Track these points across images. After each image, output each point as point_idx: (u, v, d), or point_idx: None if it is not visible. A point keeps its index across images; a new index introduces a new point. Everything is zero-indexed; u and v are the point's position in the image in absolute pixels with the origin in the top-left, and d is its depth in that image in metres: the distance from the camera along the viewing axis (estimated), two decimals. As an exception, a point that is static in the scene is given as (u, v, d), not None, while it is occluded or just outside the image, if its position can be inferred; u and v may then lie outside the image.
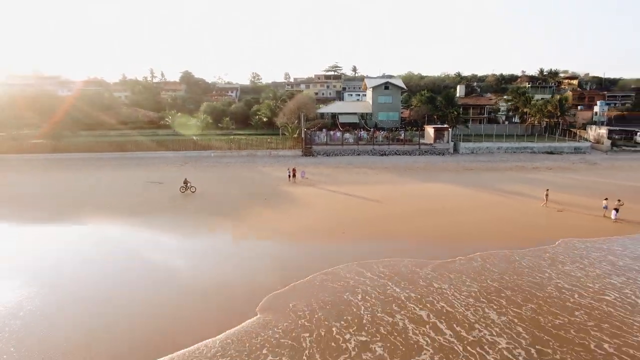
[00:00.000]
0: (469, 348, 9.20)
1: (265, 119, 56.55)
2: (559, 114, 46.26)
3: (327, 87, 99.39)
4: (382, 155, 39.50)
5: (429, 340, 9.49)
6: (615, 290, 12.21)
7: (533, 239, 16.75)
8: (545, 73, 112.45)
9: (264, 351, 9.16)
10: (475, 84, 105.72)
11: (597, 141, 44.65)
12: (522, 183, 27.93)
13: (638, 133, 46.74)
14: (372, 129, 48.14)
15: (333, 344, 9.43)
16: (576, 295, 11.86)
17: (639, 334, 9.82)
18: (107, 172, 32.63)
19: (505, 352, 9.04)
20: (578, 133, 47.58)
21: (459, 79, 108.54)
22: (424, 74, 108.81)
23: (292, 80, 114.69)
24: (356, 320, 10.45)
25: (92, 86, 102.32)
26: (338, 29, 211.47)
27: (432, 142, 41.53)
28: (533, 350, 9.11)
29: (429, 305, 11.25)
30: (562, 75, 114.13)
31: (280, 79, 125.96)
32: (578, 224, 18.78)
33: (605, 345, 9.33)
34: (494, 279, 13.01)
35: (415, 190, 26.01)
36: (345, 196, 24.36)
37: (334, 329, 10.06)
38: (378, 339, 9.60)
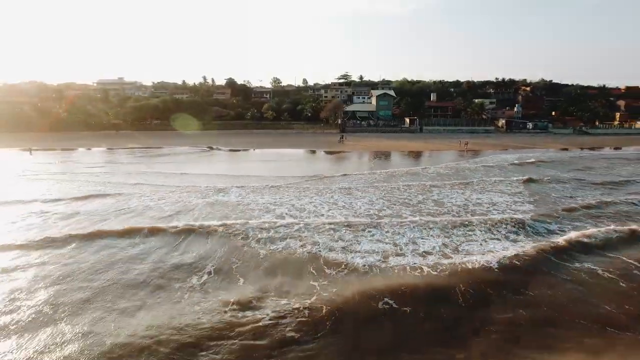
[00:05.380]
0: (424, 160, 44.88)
1: (309, 114, 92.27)
2: (480, 112, 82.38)
3: (340, 92, 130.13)
4: (382, 132, 75.26)
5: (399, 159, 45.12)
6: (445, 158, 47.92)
7: (431, 151, 52.38)
8: (506, 81, 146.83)
9: (344, 155, 44.85)
10: (452, 89, 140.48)
11: (502, 127, 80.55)
12: (446, 141, 63.50)
13: (528, 124, 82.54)
14: (376, 120, 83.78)
15: (362, 160, 45.02)
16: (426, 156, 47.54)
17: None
18: (255, 137, 68.14)
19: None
20: (495, 123, 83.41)
21: (440, 85, 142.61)
22: (417, 78, 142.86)
23: (311, 85, 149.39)
24: (361, 157, 46.13)
25: (157, 89, 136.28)
26: (344, 37, 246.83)
27: (408, 126, 77.56)
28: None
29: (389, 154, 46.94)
30: (519, 82, 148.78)
31: (291, 81, 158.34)
32: (446, 152, 54.25)
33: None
34: (416, 156, 48.68)
35: (395, 143, 61.62)
36: (365, 144, 60.03)
37: (360, 155, 45.71)
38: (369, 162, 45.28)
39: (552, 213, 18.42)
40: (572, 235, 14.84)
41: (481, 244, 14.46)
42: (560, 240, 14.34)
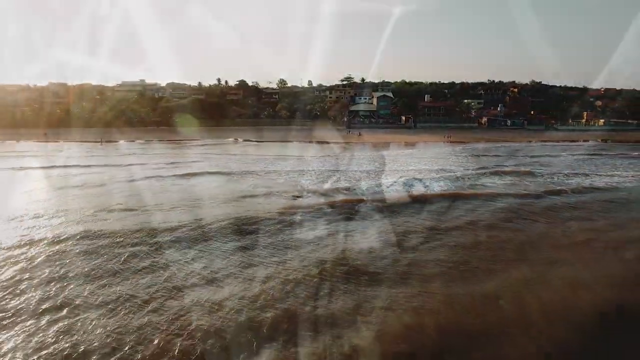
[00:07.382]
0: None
1: (318, 113, 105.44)
2: (467, 111, 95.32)
3: (344, 93, 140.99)
4: (382, 128, 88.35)
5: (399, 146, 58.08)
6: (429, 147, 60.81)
7: (420, 142, 65.21)
8: (495, 83, 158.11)
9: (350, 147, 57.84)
10: (446, 90, 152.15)
11: (484, 124, 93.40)
12: (435, 135, 76.26)
13: (507, 121, 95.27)
14: (377, 118, 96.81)
15: (365, 146, 57.92)
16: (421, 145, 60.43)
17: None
18: (275, 132, 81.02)
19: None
20: (479, 120, 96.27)
21: (436, 86, 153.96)
22: (414, 80, 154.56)
23: (316, 86, 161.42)
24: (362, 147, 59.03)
25: (176, 90, 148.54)
26: (344, 37, 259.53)
27: (404, 123, 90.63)
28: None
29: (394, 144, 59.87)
30: (508, 84, 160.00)
31: (294, 81, 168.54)
32: (432, 143, 67.04)
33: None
34: (407, 145, 61.56)
35: (393, 136, 74.46)
36: (368, 137, 72.91)
37: (364, 144, 58.61)
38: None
39: (468, 168, 31.62)
40: (466, 172, 28.26)
41: (425, 180, 27.52)
42: (458, 174, 27.75)
